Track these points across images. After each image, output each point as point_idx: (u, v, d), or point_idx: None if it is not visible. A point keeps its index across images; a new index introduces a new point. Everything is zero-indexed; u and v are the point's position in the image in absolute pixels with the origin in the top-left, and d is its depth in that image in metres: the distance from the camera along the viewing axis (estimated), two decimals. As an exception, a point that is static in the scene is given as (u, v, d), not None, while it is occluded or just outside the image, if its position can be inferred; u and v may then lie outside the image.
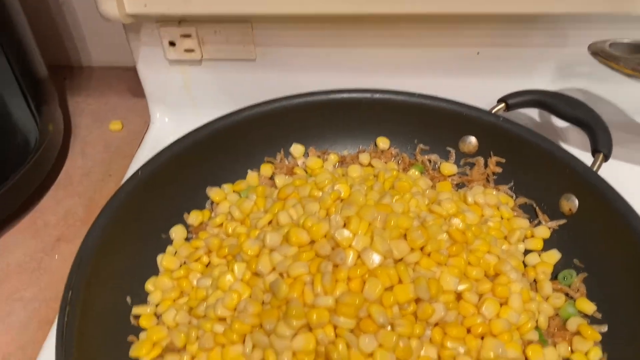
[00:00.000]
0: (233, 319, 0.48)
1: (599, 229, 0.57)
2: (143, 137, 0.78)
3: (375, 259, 0.47)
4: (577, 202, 0.59)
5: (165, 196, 0.60)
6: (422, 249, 0.50)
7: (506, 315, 0.49)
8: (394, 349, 0.44)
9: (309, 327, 0.45)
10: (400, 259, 0.49)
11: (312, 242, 0.51)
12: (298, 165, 0.68)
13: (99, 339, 0.49)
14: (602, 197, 0.56)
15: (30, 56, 0.71)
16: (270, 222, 0.57)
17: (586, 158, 0.59)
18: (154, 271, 0.58)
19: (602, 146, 0.60)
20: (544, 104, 0.65)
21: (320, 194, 0.57)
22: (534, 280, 0.57)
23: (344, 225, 0.51)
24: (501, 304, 0.50)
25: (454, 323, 0.48)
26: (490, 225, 0.58)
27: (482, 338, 0.48)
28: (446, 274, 0.49)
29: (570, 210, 0.59)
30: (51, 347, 0.54)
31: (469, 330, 0.48)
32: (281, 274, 0.49)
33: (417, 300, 0.47)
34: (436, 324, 0.48)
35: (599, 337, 0.52)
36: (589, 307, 0.54)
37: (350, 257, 0.48)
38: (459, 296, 0.50)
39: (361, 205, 0.52)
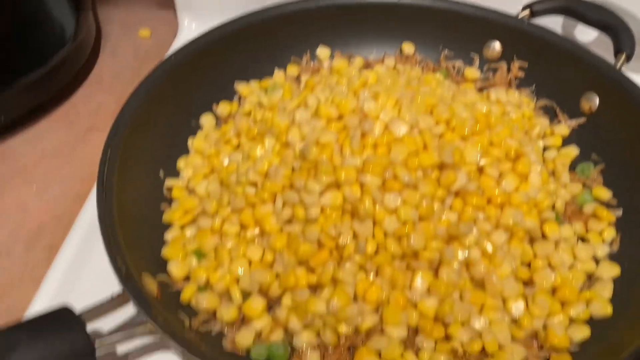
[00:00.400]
0: (264, 181, 0.50)
1: (618, 125, 0.58)
2: (172, 43, 0.80)
3: (402, 128, 0.49)
4: (597, 100, 0.60)
5: (195, 84, 0.62)
6: (447, 124, 0.52)
7: (526, 189, 0.51)
8: (417, 207, 0.46)
9: (337, 186, 0.48)
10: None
11: (341, 117, 0.53)
12: (323, 67, 0.70)
13: (135, 200, 0.52)
14: (623, 93, 0.58)
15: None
16: (298, 107, 0.58)
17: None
18: (186, 152, 0.60)
19: (625, 46, 0.61)
20: (568, 9, 0.66)
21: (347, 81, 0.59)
22: (552, 172, 0.58)
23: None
24: (521, 181, 0.52)
25: (475, 192, 0.50)
26: (512, 117, 0.60)
27: (502, 209, 0.50)
28: (469, 147, 0.50)
29: (590, 108, 0.61)
30: (86, 218, 0.58)
31: (489, 201, 0.50)
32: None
33: (441, 168, 0.49)
34: (457, 195, 0.50)
35: (614, 219, 0.54)
36: (605, 194, 0.56)
37: (378, 126, 0.50)
38: (480, 171, 0.51)
39: (389, 86, 0.54)
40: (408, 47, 0.70)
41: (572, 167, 0.59)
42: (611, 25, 0.63)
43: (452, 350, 0.45)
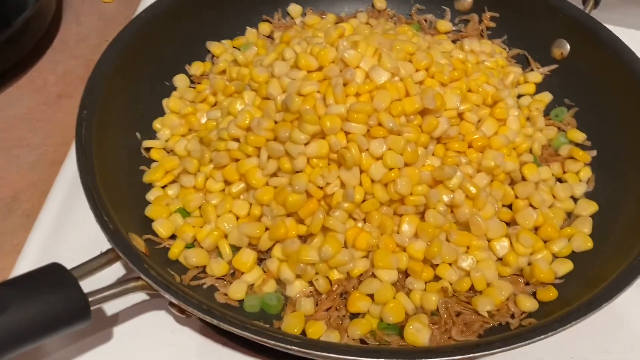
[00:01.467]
0: (247, 135, 0.49)
1: (589, 68, 0.60)
2: (137, 7, 0.77)
3: (383, 75, 0.49)
4: (568, 46, 0.62)
5: (166, 43, 0.61)
6: (426, 71, 0.52)
7: (505, 133, 0.52)
8: (402, 152, 0.47)
9: (322, 136, 0.48)
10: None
11: (320, 68, 0.52)
12: (296, 25, 0.69)
13: (114, 163, 0.51)
14: (593, 36, 0.59)
15: None
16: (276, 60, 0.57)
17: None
18: (161, 114, 0.59)
19: (593, -9, 0.62)
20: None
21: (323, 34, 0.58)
22: (528, 118, 0.60)
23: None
24: (499, 126, 0.53)
25: (456, 138, 0.50)
26: (487, 64, 0.60)
27: (482, 153, 0.51)
28: (449, 93, 0.51)
29: (561, 54, 0.62)
30: (63, 183, 0.56)
31: (469, 146, 0.51)
32: (291, 97, 0.51)
33: (423, 114, 0.49)
34: (439, 140, 0.51)
35: (589, 159, 0.55)
36: (580, 136, 0.57)
37: (359, 75, 0.50)
38: (460, 117, 0.52)
39: (367, 35, 0.54)
40: (380, 2, 0.70)
41: (547, 112, 0.61)
42: (579, -29, 0.64)
43: (443, 289, 0.46)
